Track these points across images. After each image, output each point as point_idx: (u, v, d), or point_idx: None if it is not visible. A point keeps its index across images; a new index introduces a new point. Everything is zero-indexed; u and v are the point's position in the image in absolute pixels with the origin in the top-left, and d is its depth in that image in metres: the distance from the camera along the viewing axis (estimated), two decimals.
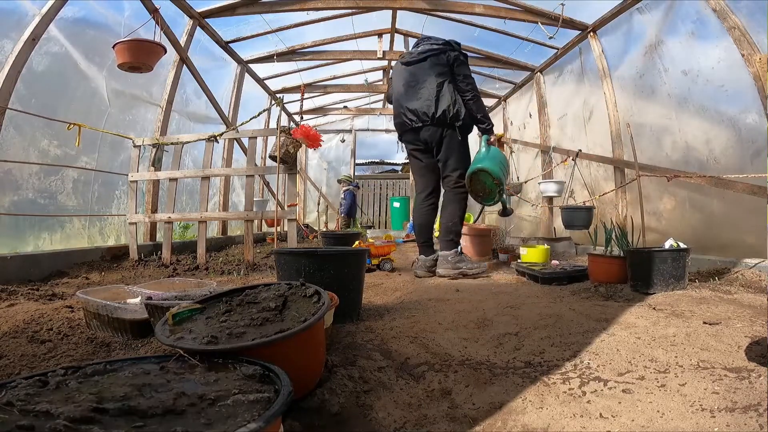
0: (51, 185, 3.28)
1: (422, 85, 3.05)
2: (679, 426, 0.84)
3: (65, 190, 3.40)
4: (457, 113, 2.99)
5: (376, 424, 0.88)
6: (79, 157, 3.50)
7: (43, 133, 3.15)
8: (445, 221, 3.12)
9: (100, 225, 3.81)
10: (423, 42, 3.22)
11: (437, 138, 3.04)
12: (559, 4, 4.41)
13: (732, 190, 2.94)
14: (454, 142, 3.05)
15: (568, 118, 5.30)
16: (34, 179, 3.14)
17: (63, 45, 3.29)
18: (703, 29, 3.24)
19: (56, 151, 3.27)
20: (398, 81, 3.23)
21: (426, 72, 3.07)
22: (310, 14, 4.97)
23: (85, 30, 3.50)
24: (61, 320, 1.59)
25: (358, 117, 9.86)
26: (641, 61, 3.90)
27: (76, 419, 0.53)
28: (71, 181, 3.45)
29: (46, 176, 3.23)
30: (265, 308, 1.04)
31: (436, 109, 2.97)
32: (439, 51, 3.07)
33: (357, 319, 1.71)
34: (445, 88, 3.00)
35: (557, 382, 1.07)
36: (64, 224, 3.42)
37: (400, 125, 3.21)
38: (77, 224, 3.55)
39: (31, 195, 3.11)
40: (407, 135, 3.19)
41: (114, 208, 3.91)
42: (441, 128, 3.02)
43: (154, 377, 0.70)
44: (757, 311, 1.65)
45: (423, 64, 3.10)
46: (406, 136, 3.20)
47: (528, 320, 1.64)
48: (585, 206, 4.08)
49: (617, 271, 2.40)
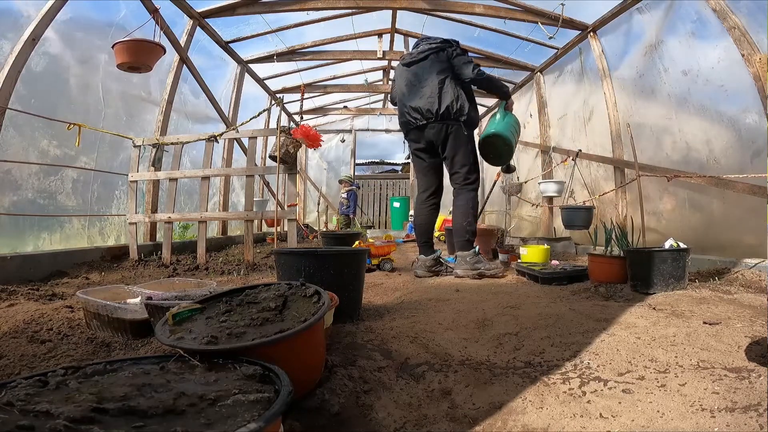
0: (51, 185, 3.28)
1: (424, 84, 3.06)
2: (679, 426, 0.84)
3: (65, 190, 3.40)
4: (461, 108, 2.99)
5: (376, 424, 0.88)
6: (79, 157, 3.51)
7: (42, 134, 3.15)
8: (460, 221, 3.08)
9: (99, 225, 3.82)
10: (422, 42, 3.24)
11: (443, 135, 3.03)
12: (559, 4, 4.41)
13: (732, 190, 2.94)
14: (460, 137, 3.03)
15: (568, 118, 5.30)
16: (33, 179, 3.14)
17: (60, 45, 3.28)
18: (702, 29, 3.24)
19: (56, 151, 3.27)
20: (401, 82, 3.24)
21: (427, 70, 3.07)
22: (310, 14, 4.97)
23: (83, 29, 3.49)
24: (61, 320, 1.59)
25: (358, 117, 9.86)
26: (641, 61, 3.90)
27: (76, 419, 0.53)
28: (71, 181, 3.45)
29: (45, 176, 3.23)
30: (265, 308, 1.04)
31: (440, 105, 2.97)
32: (438, 48, 3.08)
33: (357, 319, 1.70)
34: (447, 84, 3.01)
35: (557, 382, 1.07)
36: (64, 224, 3.42)
37: (404, 124, 3.21)
38: (77, 224, 3.55)
39: (30, 195, 3.12)
40: (412, 134, 3.18)
41: (114, 208, 3.91)
42: (445, 124, 3.00)
43: (154, 377, 0.70)
44: (757, 311, 1.65)
45: (424, 63, 3.11)
46: (411, 134, 3.20)
47: (528, 320, 1.64)
48: (585, 206, 4.08)
49: (617, 271, 2.40)
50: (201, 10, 4.38)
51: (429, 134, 3.07)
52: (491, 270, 2.97)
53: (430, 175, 3.25)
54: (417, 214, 3.28)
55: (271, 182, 6.48)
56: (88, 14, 3.55)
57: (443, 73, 3.03)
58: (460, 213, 3.09)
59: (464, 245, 3.03)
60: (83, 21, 3.49)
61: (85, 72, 3.55)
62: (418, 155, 3.25)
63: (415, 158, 3.30)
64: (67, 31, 3.31)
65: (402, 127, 3.27)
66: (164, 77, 4.33)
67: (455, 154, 3.07)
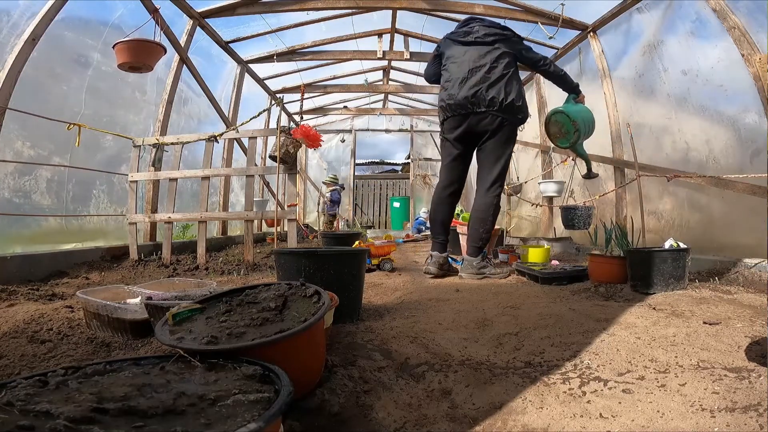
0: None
1: (491, 70, 2.85)
2: (679, 426, 0.84)
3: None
4: (523, 105, 2.90)
5: (376, 424, 0.88)
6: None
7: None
8: (477, 227, 2.95)
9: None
10: (475, 23, 3.06)
11: (495, 126, 2.85)
12: (559, 4, 4.41)
13: (732, 190, 2.94)
14: (513, 135, 2.95)
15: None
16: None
17: (58, 44, 3.26)
18: (702, 29, 3.24)
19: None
20: (456, 60, 2.99)
21: (494, 57, 2.88)
22: (310, 14, 4.97)
23: (80, 28, 3.48)
24: (61, 320, 1.59)
25: (358, 117, 9.86)
26: (641, 61, 3.90)
27: (76, 419, 0.53)
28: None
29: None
30: (265, 308, 1.04)
31: (505, 97, 2.81)
32: (507, 37, 2.96)
33: (357, 319, 1.70)
34: (513, 76, 2.89)
35: (557, 382, 1.07)
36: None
37: (452, 107, 2.93)
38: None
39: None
40: (457, 119, 2.95)
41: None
42: (503, 117, 2.84)
43: (154, 377, 0.70)
44: (757, 311, 1.65)
45: (489, 47, 2.92)
46: (455, 120, 2.96)
47: (528, 320, 1.64)
48: (585, 206, 4.07)
49: (617, 271, 2.40)
50: (201, 10, 4.38)
51: (482, 121, 2.87)
52: (495, 276, 2.92)
53: (456, 169, 3.09)
54: (435, 210, 3.16)
55: (271, 182, 6.48)
56: (92, 13, 3.54)
57: (512, 66, 2.90)
58: (479, 219, 2.95)
59: (474, 251, 2.95)
60: (85, 20, 3.47)
61: (85, 71, 3.54)
62: (453, 143, 3.04)
63: (449, 146, 3.08)
64: (66, 29, 3.29)
65: (447, 110, 2.98)
66: (163, 76, 4.32)
67: (498, 150, 2.91)
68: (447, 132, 3.07)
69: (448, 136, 3.07)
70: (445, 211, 3.14)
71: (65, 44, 3.39)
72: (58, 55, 3.38)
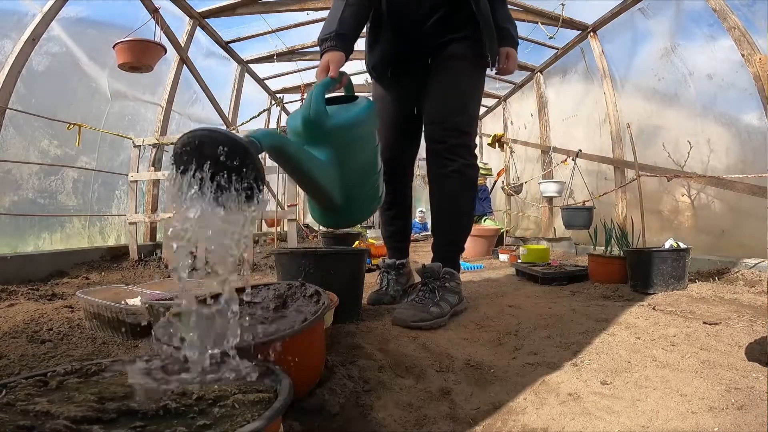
0: (51, 185, 3.28)
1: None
2: (679, 426, 0.84)
3: (65, 189, 3.40)
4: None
5: (376, 424, 0.88)
6: (79, 157, 3.50)
7: (43, 133, 3.15)
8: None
9: (100, 225, 3.81)
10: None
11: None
12: (559, 4, 4.41)
13: (732, 190, 2.94)
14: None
15: (568, 117, 5.30)
16: (34, 179, 3.14)
17: (64, 44, 3.28)
18: (702, 29, 3.24)
19: (56, 151, 3.26)
20: None
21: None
22: (310, 14, 4.96)
23: (87, 29, 3.49)
24: (61, 320, 1.59)
25: None
26: (641, 61, 3.90)
27: (76, 419, 0.53)
28: (71, 180, 3.45)
29: (46, 176, 3.23)
30: (265, 308, 1.04)
31: None
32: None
33: (357, 319, 1.70)
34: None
35: (557, 382, 1.07)
36: (65, 224, 3.41)
37: None
38: (77, 224, 3.55)
39: (31, 195, 3.11)
40: None
41: (114, 208, 3.90)
42: None
43: None
44: (757, 311, 1.65)
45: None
46: None
47: (528, 320, 1.64)
48: (585, 206, 4.08)
49: (617, 271, 2.40)
50: (201, 10, 4.38)
51: None
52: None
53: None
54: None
55: (271, 182, 6.48)
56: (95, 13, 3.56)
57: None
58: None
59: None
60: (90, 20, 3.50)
61: (88, 71, 3.55)
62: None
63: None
64: (74, 30, 3.32)
65: None
66: (164, 77, 4.32)
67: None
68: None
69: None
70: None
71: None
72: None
